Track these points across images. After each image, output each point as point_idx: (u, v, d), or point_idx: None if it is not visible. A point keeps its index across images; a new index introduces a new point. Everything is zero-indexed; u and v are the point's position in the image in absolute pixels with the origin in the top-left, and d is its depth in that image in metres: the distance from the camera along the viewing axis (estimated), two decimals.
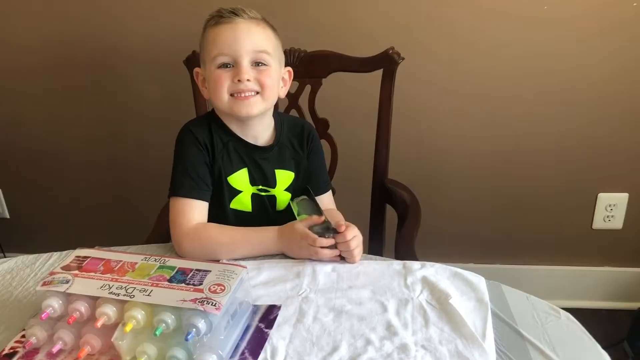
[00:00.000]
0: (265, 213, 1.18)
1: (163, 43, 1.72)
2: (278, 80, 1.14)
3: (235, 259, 1.03)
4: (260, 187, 1.17)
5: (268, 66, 1.09)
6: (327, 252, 1.01)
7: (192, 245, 1.04)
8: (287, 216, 1.16)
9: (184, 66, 1.41)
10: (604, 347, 0.81)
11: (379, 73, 1.38)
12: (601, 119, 1.73)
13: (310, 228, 1.04)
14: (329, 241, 1.01)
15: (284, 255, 1.04)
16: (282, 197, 1.19)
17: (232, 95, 1.07)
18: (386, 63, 1.36)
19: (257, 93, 1.08)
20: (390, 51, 1.35)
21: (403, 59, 1.35)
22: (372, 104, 1.41)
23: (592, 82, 1.69)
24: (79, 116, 1.88)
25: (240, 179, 1.15)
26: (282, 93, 1.18)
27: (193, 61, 1.40)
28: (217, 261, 0.91)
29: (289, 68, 1.20)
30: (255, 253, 1.05)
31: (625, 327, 1.83)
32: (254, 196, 1.17)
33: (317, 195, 1.18)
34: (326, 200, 1.22)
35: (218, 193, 1.15)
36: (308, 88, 1.42)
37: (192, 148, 1.12)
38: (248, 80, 1.06)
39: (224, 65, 1.07)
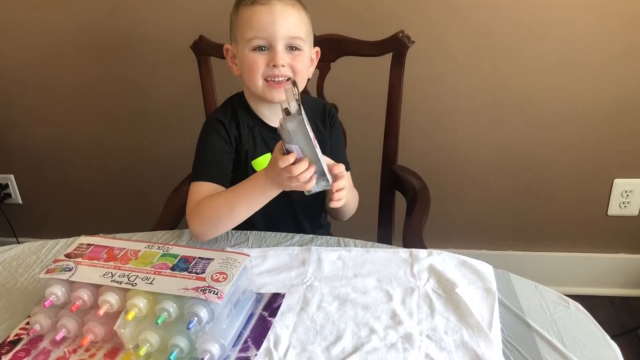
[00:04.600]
0: (288, 196, 1.17)
1: (171, 29, 1.70)
2: (308, 64, 1.14)
3: (242, 218, 1.01)
4: None
5: (301, 51, 1.08)
6: (304, 174, 0.91)
7: (197, 220, 1.03)
8: (311, 195, 1.15)
9: (190, 52, 1.40)
10: (617, 335, 0.80)
11: (389, 57, 1.35)
12: (617, 104, 1.69)
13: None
14: (291, 157, 0.90)
15: (289, 243, 1.03)
16: None
17: (266, 80, 1.07)
18: (396, 47, 1.33)
19: (289, 79, 1.07)
20: (400, 34, 1.32)
21: (413, 42, 1.33)
22: (381, 88, 1.38)
23: (608, 68, 1.65)
24: (90, 105, 1.88)
25: (264, 163, 1.14)
26: (310, 73, 1.18)
27: (200, 46, 1.39)
28: (221, 249, 0.91)
29: (317, 48, 1.19)
30: (256, 202, 1.01)
31: (639, 314, 1.80)
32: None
33: None
34: None
35: (243, 177, 1.13)
36: (317, 72, 1.39)
37: (216, 137, 1.12)
38: (282, 65, 1.06)
39: (259, 48, 1.06)
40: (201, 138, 1.15)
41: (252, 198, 1.01)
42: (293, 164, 0.90)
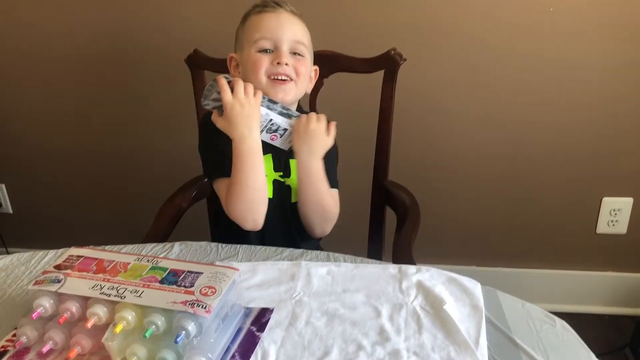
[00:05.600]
0: (284, 201, 1.18)
1: (166, 42, 1.72)
2: (310, 73, 1.18)
3: (261, 183, 1.07)
4: (281, 173, 1.19)
5: (304, 57, 1.14)
6: (248, 88, 1.04)
7: (236, 211, 1.08)
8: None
9: (184, 65, 1.41)
10: (606, 353, 0.80)
11: (381, 73, 1.37)
12: (606, 122, 1.71)
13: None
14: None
15: (279, 258, 1.03)
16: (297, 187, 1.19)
17: (269, 77, 1.11)
18: (388, 64, 1.35)
19: (292, 80, 1.12)
20: (392, 52, 1.34)
21: (405, 60, 1.34)
22: (373, 104, 1.40)
23: (597, 86, 1.67)
24: (83, 116, 1.89)
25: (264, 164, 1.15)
26: (308, 89, 1.22)
27: (194, 60, 1.40)
28: (210, 263, 0.91)
29: (316, 67, 1.23)
30: (252, 160, 1.06)
31: (628, 333, 1.81)
32: (275, 182, 1.18)
33: None
34: None
35: None
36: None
37: (218, 132, 1.11)
38: (286, 64, 1.10)
39: (264, 51, 1.11)
40: (204, 138, 1.17)
41: (245, 158, 1.05)
42: None
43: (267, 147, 1.15)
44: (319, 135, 1.10)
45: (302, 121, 1.10)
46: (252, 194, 1.06)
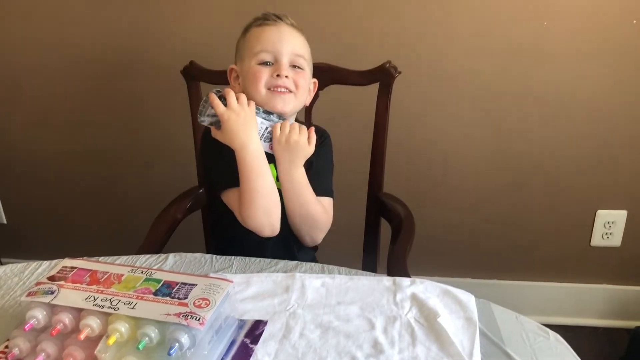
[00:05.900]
0: (284, 210, 1.17)
1: (162, 54, 1.72)
2: (309, 86, 1.19)
3: (270, 188, 1.08)
4: None
5: (303, 70, 1.15)
6: (241, 98, 1.06)
7: (250, 220, 1.08)
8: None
9: (181, 77, 1.41)
10: None
11: (376, 86, 1.38)
12: (600, 135, 1.72)
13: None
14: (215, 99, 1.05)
15: (273, 270, 1.03)
16: None
17: (269, 89, 1.12)
18: (383, 77, 1.36)
19: (291, 92, 1.13)
20: (388, 65, 1.35)
21: (400, 72, 1.35)
22: (368, 116, 1.40)
23: (591, 99, 1.69)
24: (79, 124, 1.88)
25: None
26: (307, 101, 1.23)
27: (190, 72, 1.40)
28: (205, 275, 0.91)
29: (315, 80, 1.24)
30: (257, 167, 1.07)
31: (622, 345, 1.81)
32: (279, 192, 1.17)
33: None
34: None
35: None
36: None
37: (221, 143, 1.12)
38: (286, 76, 1.11)
39: (264, 63, 1.12)
40: (206, 154, 1.18)
41: (250, 165, 1.06)
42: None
43: (270, 157, 1.16)
44: (302, 146, 1.10)
45: (283, 131, 1.10)
46: (262, 199, 1.07)
